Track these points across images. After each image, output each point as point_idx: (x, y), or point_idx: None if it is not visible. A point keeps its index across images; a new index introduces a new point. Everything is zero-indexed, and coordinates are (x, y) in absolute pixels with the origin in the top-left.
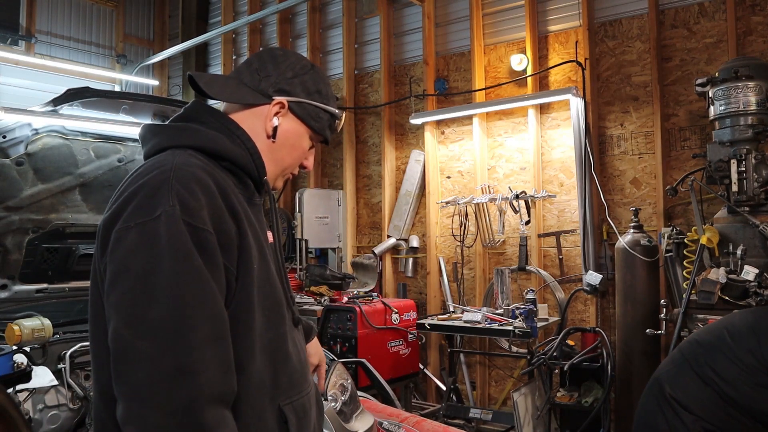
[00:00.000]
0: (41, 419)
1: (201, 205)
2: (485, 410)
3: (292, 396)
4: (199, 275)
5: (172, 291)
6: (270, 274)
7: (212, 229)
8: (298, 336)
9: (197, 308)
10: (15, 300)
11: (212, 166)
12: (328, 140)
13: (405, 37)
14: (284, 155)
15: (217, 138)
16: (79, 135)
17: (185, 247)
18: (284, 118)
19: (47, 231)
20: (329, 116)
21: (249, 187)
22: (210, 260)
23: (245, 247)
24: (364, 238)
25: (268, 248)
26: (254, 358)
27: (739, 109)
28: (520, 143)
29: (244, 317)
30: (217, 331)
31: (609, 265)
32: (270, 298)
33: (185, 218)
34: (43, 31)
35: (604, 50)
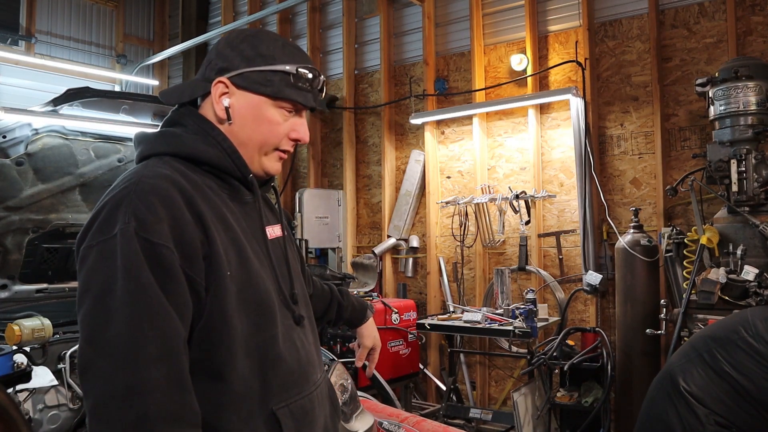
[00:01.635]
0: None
1: (158, 218)
2: (485, 410)
3: (288, 399)
4: (147, 292)
5: (124, 310)
6: (252, 275)
7: (172, 243)
8: (302, 334)
9: (146, 327)
10: (15, 300)
11: (190, 171)
12: (303, 102)
13: (405, 37)
14: (249, 134)
15: (193, 142)
16: (79, 135)
17: (136, 265)
18: (234, 97)
19: (47, 231)
20: (282, 74)
21: (234, 185)
22: (166, 275)
23: (214, 256)
24: (364, 238)
25: (257, 247)
26: (236, 365)
27: (739, 109)
28: (520, 143)
29: (220, 326)
30: (167, 349)
31: (609, 265)
32: (254, 302)
33: (140, 233)
34: (43, 31)
35: (604, 50)
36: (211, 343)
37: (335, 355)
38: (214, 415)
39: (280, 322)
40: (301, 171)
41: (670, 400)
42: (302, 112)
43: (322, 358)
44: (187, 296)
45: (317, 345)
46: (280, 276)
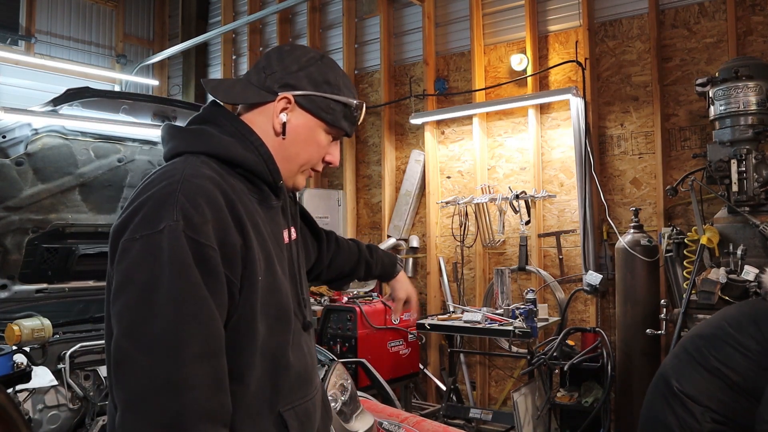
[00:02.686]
0: (41, 419)
1: (205, 219)
2: (485, 410)
3: (294, 401)
4: (196, 292)
5: (170, 306)
6: (277, 281)
7: (216, 244)
8: (307, 339)
9: (192, 325)
10: (15, 300)
11: (224, 173)
12: (348, 132)
13: (405, 37)
14: (298, 151)
15: (230, 144)
16: (79, 135)
17: (185, 262)
18: (292, 114)
19: (47, 231)
20: (342, 106)
21: (264, 191)
22: (210, 276)
23: (250, 260)
24: (364, 238)
25: (279, 253)
26: (254, 367)
27: (739, 109)
28: (520, 143)
29: (246, 329)
30: (211, 349)
31: (609, 265)
32: (275, 307)
33: (188, 233)
34: (43, 31)
35: (604, 50)
36: (236, 346)
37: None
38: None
39: (293, 329)
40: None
41: (666, 401)
42: (337, 141)
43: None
44: (225, 297)
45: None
46: (298, 285)
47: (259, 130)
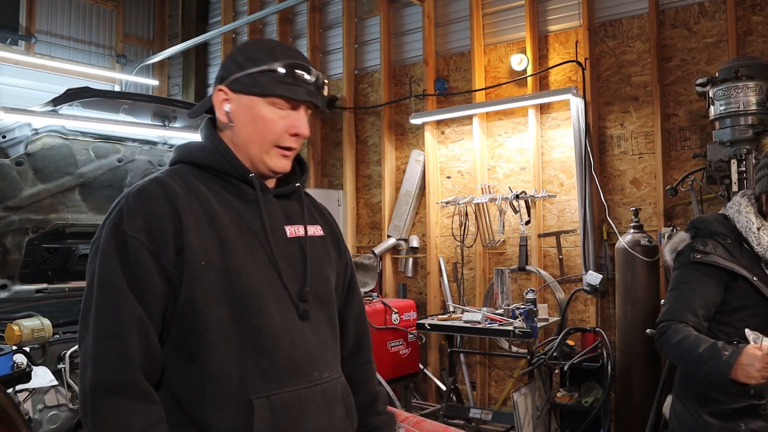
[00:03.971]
0: (41, 419)
1: (135, 214)
2: (485, 410)
3: (271, 390)
4: (111, 278)
5: (96, 292)
6: (236, 267)
7: (143, 235)
8: (308, 329)
9: (105, 307)
10: (15, 300)
11: (195, 175)
12: (293, 96)
13: (405, 37)
14: (248, 133)
15: (197, 150)
16: (79, 135)
17: (108, 251)
18: (233, 101)
19: (47, 231)
20: (269, 74)
21: (237, 185)
22: (131, 263)
23: (186, 247)
24: (364, 238)
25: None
26: (212, 351)
27: (739, 109)
28: (520, 143)
29: (191, 311)
30: (119, 328)
31: (609, 265)
32: (236, 292)
33: (119, 226)
34: (43, 31)
35: (604, 50)
36: (184, 327)
37: None
38: (188, 393)
39: (275, 315)
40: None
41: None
42: (300, 108)
43: (335, 358)
44: (155, 282)
45: (332, 345)
46: (284, 271)
47: (221, 128)
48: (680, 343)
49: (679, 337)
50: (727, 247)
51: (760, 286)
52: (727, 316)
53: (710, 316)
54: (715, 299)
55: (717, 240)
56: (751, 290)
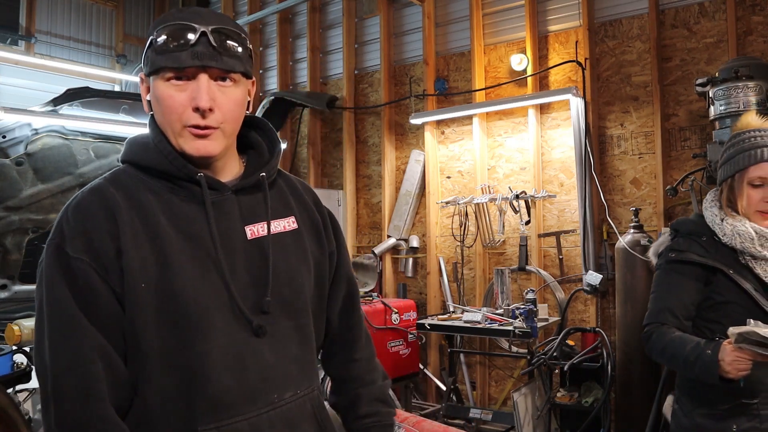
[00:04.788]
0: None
1: (76, 232)
2: (485, 410)
3: (220, 421)
4: (60, 306)
5: (46, 323)
6: (180, 288)
7: (88, 256)
8: (262, 347)
9: (59, 339)
10: (15, 300)
11: (140, 178)
12: (173, 64)
13: (405, 37)
14: (159, 118)
15: (138, 149)
16: (79, 135)
17: (54, 277)
18: (151, 89)
19: (47, 231)
20: (152, 45)
21: (187, 187)
22: (79, 287)
23: (126, 267)
24: (364, 238)
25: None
26: (152, 379)
27: (739, 109)
28: (520, 143)
29: (131, 338)
30: (78, 360)
31: (609, 265)
32: (179, 316)
33: (61, 247)
34: (43, 31)
35: (604, 50)
36: (128, 357)
37: None
38: (134, 426)
39: (222, 336)
40: (300, 171)
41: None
42: (201, 76)
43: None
44: (111, 306)
45: (299, 358)
46: (235, 282)
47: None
48: (666, 349)
49: (664, 342)
50: (703, 245)
51: (738, 278)
52: (713, 312)
53: (691, 314)
54: (694, 297)
55: (693, 239)
56: (730, 284)
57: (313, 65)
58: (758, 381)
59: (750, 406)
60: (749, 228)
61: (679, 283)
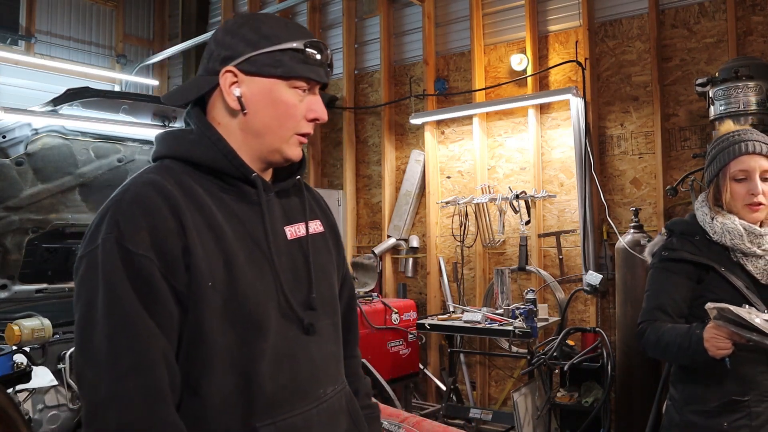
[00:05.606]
0: (41, 419)
1: (138, 227)
2: (485, 410)
3: (276, 416)
4: (124, 305)
5: (104, 321)
6: (243, 287)
7: (152, 252)
8: (311, 344)
9: (122, 339)
10: (15, 300)
11: (189, 174)
12: (316, 77)
13: (405, 37)
14: (266, 120)
15: (190, 144)
16: (79, 135)
17: (115, 274)
18: (244, 84)
19: (47, 231)
20: (291, 53)
21: (238, 186)
22: (144, 285)
23: (193, 266)
24: (364, 238)
25: (260, 254)
26: (213, 378)
27: (739, 109)
28: (520, 143)
29: (197, 338)
30: (143, 361)
31: (609, 265)
32: (242, 315)
33: (122, 243)
34: (43, 31)
35: (604, 50)
36: (191, 356)
37: None
38: (189, 427)
39: (276, 335)
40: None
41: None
42: (315, 90)
43: (339, 368)
44: (170, 306)
45: (336, 354)
46: (286, 282)
47: (221, 119)
48: (660, 340)
49: (658, 334)
50: (696, 244)
51: (729, 276)
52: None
53: (684, 312)
54: (686, 294)
55: (686, 238)
56: (722, 282)
57: None
58: (749, 378)
59: (741, 403)
60: (738, 225)
61: (672, 281)
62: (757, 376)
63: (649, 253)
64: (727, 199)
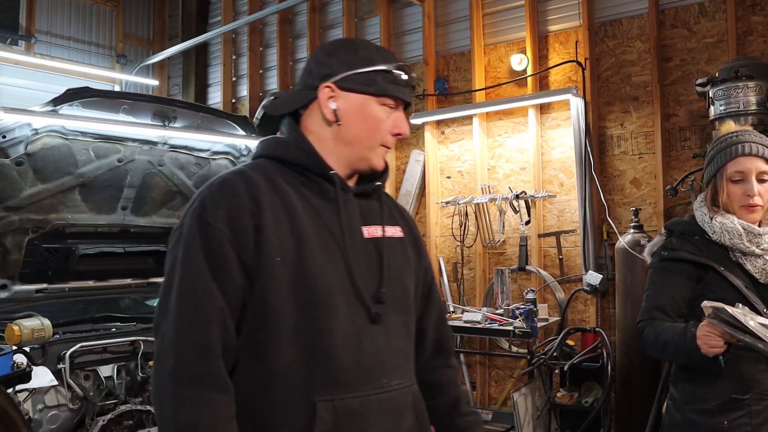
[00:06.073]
0: (41, 419)
1: (218, 205)
2: (485, 410)
3: (335, 394)
4: (194, 267)
5: (178, 281)
6: (311, 267)
7: (226, 226)
8: (377, 334)
9: (188, 296)
10: (15, 300)
11: (277, 170)
12: (402, 96)
13: (405, 37)
14: (357, 132)
15: (279, 145)
16: (79, 135)
17: (193, 241)
18: (339, 99)
19: (47, 231)
20: (382, 74)
21: (318, 182)
22: (214, 252)
23: (263, 242)
24: None
25: (333, 243)
26: (278, 349)
27: (739, 109)
28: (520, 143)
29: (262, 307)
30: (201, 318)
31: (609, 265)
32: (308, 292)
33: (202, 216)
34: (43, 31)
35: (604, 50)
36: (254, 323)
37: None
38: (252, 390)
39: (344, 318)
40: None
41: None
42: (400, 108)
43: (408, 365)
44: (236, 274)
45: (405, 351)
46: (358, 273)
47: (315, 128)
48: (658, 338)
49: (656, 333)
50: (695, 243)
51: (728, 275)
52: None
53: (683, 311)
54: (684, 294)
55: (685, 238)
56: (722, 281)
57: None
58: (749, 377)
59: (741, 402)
60: (737, 224)
61: (671, 280)
62: (757, 375)
63: (649, 253)
64: (723, 199)
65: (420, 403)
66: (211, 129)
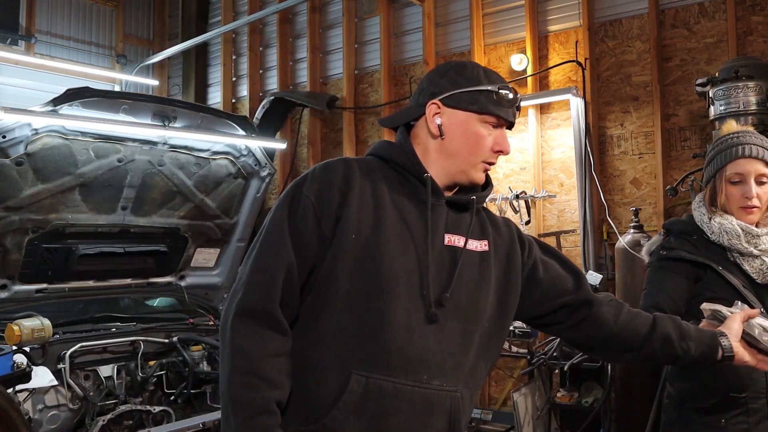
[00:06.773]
0: (41, 419)
1: (315, 179)
2: (485, 410)
3: (372, 372)
4: (278, 224)
5: (263, 233)
6: (382, 251)
7: (314, 197)
8: (432, 333)
9: (265, 246)
10: (15, 300)
11: (380, 167)
12: (503, 116)
13: (405, 37)
14: (458, 146)
15: (386, 146)
16: (79, 135)
17: (284, 204)
18: (445, 115)
19: (47, 231)
20: (486, 94)
21: (412, 182)
22: (297, 216)
23: (344, 218)
24: None
25: (411, 239)
26: (332, 315)
27: (739, 109)
28: (520, 143)
29: (327, 274)
30: (269, 265)
31: (609, 265)
32: (371, 272)
33: (300, 186)
34: (43, 31)
35: (604, 50)
36: (318, 288)
37: None
38: (301, 346)
39: (401, 307)
40: (301, 171)
41: None
42: (503, 127)
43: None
44: (311, 237)
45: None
46: (429, 273)
47: (422, 140)
48: None
49: None
50: (693, 243)
51: (726, 275)
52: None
53: (680, 310)
54: (682, 293)
55: (684, 237)
56: (720, 281)
57: (313, 65)
58: (746, 375)
59: (738, 400)
60: (735, 225)
61: (669, 279)
62: (753, 374)
63: (647, 252)
64: (722, 200)
65: (458, 412)
66: (211, 129)
